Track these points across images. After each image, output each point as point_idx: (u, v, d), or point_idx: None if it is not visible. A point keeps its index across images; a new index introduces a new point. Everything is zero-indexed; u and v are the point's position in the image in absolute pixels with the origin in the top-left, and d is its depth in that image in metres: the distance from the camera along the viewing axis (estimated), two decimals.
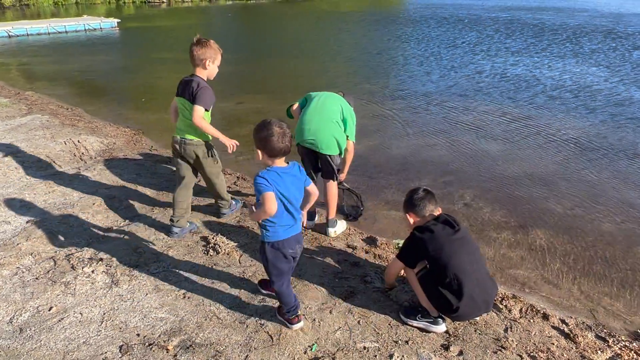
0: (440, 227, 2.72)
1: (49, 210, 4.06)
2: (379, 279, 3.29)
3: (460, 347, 2.66)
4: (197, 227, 3.93)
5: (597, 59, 14.58)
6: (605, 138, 7.05)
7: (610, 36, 20.26)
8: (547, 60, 14.20)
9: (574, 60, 14.17)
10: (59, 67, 12.17)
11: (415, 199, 2.88)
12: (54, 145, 5.70)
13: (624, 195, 5.15)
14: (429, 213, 2.85)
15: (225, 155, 4.12)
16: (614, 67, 13.13)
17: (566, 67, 12.95)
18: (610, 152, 6.48)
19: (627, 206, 4.89)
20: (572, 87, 10.51)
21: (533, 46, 17.36)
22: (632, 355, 2.73)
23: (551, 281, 3.63)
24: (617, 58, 14.74)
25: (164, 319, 2.76)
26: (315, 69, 12.67)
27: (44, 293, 2.94)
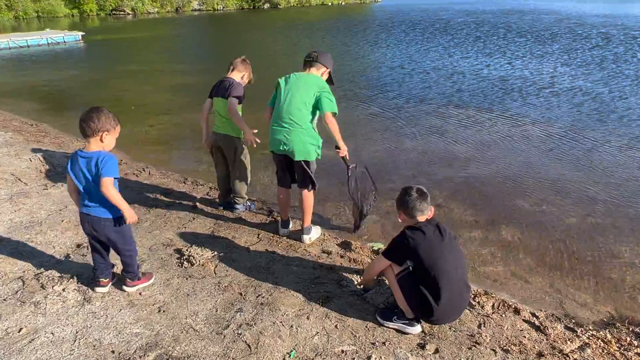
0: (431, 229, 2.73)
1: (15, 229, 3.94)
2: (354, 283, 3.31)
3: (436, 345, 2.71)
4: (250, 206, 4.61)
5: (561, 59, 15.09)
6: (568, 137, 7.30)
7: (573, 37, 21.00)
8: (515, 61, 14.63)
9: (539, 61, 14.65)
10: (22, 83, 11.86)
11: (407, 199, 2.83)
12: (19, 162, 5.55)
13: (586, 191, 5.32)
14: (419, 214, 2.85)
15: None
16: (576, 66, 13.62)
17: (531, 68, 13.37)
18: (572, 150, 6.71)
19: (590, 201, 5.06)
20: (536, 88, 10.86)
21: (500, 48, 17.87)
22: (600, 343, 2.83)
23: (521, 276, 3.72)
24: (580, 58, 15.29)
25: (139, 334, 2.71)
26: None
27: (13, 314, 2.85)
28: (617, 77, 12.03)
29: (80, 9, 40.24)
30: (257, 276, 3.34)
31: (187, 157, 6.42)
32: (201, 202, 4.68)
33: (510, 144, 6.95)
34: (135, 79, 12.60)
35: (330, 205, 4.99)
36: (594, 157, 6.37)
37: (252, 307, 2.98)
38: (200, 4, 49.11)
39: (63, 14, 39.17)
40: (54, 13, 38.46)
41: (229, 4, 51.42)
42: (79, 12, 40.21)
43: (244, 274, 3.36)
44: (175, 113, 8.86)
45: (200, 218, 4.33)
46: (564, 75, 12.38)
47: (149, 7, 43.58)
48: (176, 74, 13.35)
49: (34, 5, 37.89)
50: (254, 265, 3.50)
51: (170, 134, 7.56)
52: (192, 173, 5.66)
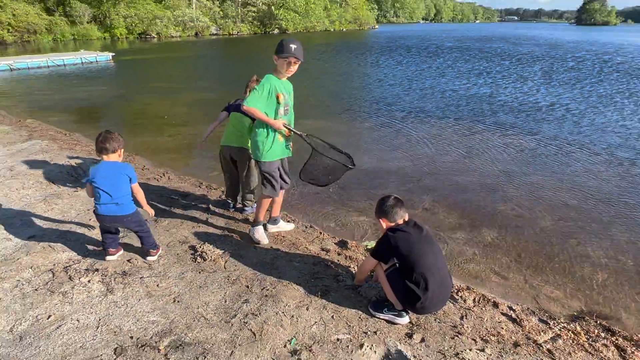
0: (410, 229, 2.76)
1: (48, 226, 3.94)
2: (350, 278, 3.29)
3: (422, 335, 2.68)
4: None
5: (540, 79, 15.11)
6: (545, 148, 7.30)
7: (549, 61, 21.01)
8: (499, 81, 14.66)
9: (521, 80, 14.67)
10: (58, 97, 11.92)
11: (387, 206, 2.86)
12: (53, 167, 5.56)
13: (559, 197, 5.31)
14: (399, 217, 2.87)
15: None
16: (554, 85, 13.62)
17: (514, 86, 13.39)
18: (547, 159, 6.70)
19: (563, 206, 5.05)
20: (518, 103, 10.88)
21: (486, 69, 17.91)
22: (570, 335, 2.80)
23: (499, 273, 3.70)
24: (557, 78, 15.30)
25: (156, 321, 2.70)
26: None
27: (43, 303, 2.85)
28: (590, 95, 12.05)
29: (111, 33, 40.52)
30: (262, 271, 3.33)
31: (202, 164, 6.43)
32: (214, 204, 4.67)
33: (492, 154, 6.95)
34: (158, 94, 12.65)
35: (329, 207, 4.96)
36: (567, 166, 6.36)
37: (257, 299, 2.96)
38: (217, 29, 49.42)
39: (96, 37, 39.44)
40: (88, 36, 38.74)
41: (243, 29, 51.75)
42: (110, 36, 40.48)
43: (250, 269, 3.35)
44: (192, 125, 8.89)
45: (213, 218, 4.32)
46: (544, 93, 12.39)
47: (172, 31, 43.85)
48: (194, 90, 13.42)
49: (70, 29, 38.17)
50: (260, 261, 3.48)
51: (187, 144, 7.58)
52: (207, 178, 5.67)
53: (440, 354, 2.53)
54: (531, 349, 2.62)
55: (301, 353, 2.48)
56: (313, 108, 10.30)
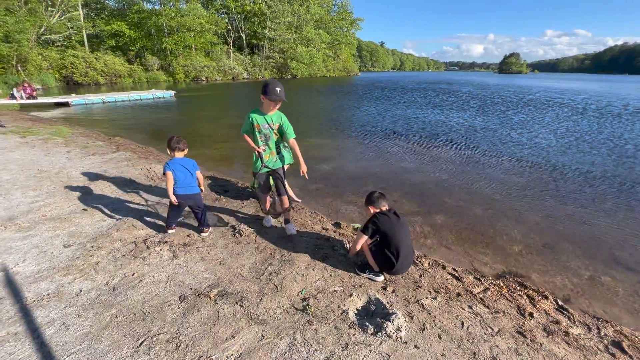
0: (391, 215, 2.76)
1: (131, 212, 3.95)
2: (342, 248, 3.29)
3: (393, 288, 2.70)
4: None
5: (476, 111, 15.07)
6: (478, 158, 7.28)
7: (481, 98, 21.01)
8: (446, 112, 14.62)
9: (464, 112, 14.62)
10: (137, 121, 11.90)
11: (374, 197, 2.88)
12: (134, 170, 5.56)
13: (487, 192, 5.31)
14: (383, 206, 2.87)
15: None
16: (486, 115, 13.60)
17: (457, 116, 13.37)
18: (480, 166, 6.69)
19: (490, 198, 5.04)
20: (462, 127, 10.85)
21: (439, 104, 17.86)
22: (496, 288, 2.82)
23: (446, 245, 3.70)
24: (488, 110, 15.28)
25: (207, 278, 2.72)
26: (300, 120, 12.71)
27: (129, 265, 2.86)
28: (511, 121, 12.05)
29: (174, 77, 40.41)
30: (281, 243, 3.33)
31: (238, 168, 6.42)
32: (246, 197, 4.66)
33: (442, 162, 6.93)
34: (207, 119, 12.61)
35: (327, 199, 4.95)
36: (494, 170, 6.34)
37: (278, 262, 2.97)
38: (248, 75, 49.32)
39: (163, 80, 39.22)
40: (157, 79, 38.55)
41: (266, 75, 51.65)
42: (172, 79, 40.34)
43: (273, 242, 3.34)
44: (231, 142, 8.86)
45: (247, 207, 4.30)
46: (478, 119, 12.37)
47: (217, 76, 43.76)
48: (231, 117, 13.37)
49: (144, 74, 38.04)
50: (280, 236, 3.47)
51: (229, 154, 7.56)
52: (242, 178, 5.64)
53: (405, 301, 2.55)
54: (469, 297, 2.64)
55: (309, 300, 2.49)
56: (313, 130, 10.30)
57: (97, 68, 32.92)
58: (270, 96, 2.98)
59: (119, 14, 40.04)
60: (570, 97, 23.08)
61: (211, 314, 2.31)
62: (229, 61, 46.97)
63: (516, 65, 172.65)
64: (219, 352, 1.99)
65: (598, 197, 5.16)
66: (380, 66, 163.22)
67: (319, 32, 60.59)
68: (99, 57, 33.79)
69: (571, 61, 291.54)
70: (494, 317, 2.42)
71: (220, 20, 46.63)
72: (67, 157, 6.28)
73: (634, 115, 14.65)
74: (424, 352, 2.06)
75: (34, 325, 2.14)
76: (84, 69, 31.73)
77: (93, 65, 32.64)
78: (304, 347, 2.06)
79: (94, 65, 32.69)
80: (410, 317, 2.36)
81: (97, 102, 17.36)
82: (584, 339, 2.27)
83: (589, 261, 3.39)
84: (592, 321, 2.48)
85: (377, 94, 23.75)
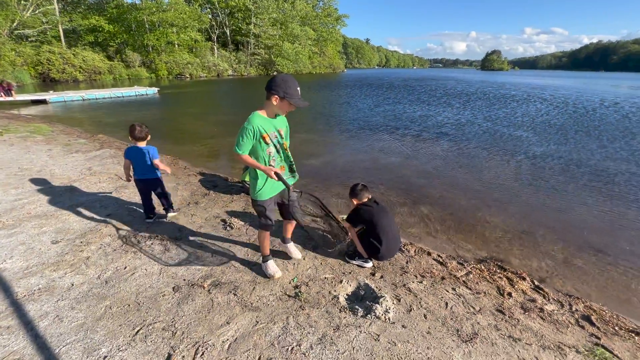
0: (372, 204, 2.87)
1: (120, 207, 3.93)
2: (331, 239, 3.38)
3: (381, 274, 2.81)
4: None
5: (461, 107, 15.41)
6: (461, 150, 7.50)
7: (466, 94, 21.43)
8: (433, 107, 14.90)
9: (450, 108, 14.92)
10: (120, 119, 11.63)
11: (357, 190, 2.98)
12: (120, 167, 5.48)
13: (470, 184, 5.49)
14: (365, 197, 2.98)
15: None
16: (471, 111, 13.93)
17: (446, 111, 13.65)
18: (463, 158, 6.90)
19: (473, 191, 5.21)
20: (449, 122, 11.10)
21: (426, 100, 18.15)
22: (478, 271, 2.97)
23: (431, 233, 3.83)
24: (473, 106, 15.65)
25: (200, 269, 2.76)
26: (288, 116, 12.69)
27: (120, 258, 2.87)
28: (493, 116, 12.40)
29: (156, 74, 39.47)
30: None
31: (226, 164, 6.42)
32: (236, 191, 4.68)
33: (428, 155, 7.10)
34: (193, 116, 12.45)
35: (317, 193, 5.01)
36: (477, 162, 6.55)
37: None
38: (233, 72, 48.68)
39: (145, 76, 38.27)
40: (139, 76, 37.59)
41: (252, 72, 51.12)
42: (155, 76, 39.39)
43: None
44: (217, 138, 8.82)
45: (236, 201, 4.32)
46: (464, 114, 12.68)
47: (201, 73, 42.99)
48: (217, 114, 13.25)
49: (125, 71, 37.01)
50: None
51: (215, 151, 7.53)
52: (230, 174, 5.64)
53: (393, 285, 2.67)
54: (452, 280, 2.78)
55: (301, 287, 2.58)
56: (302, 126, 10.34)
57: (75, 64, 31.82)
58: (293, 98, 2.17)
59: (97, 9, 38.76)
60: (550, 93, 23.90)
61: (205, 302, 2.36)
62: (213, 58, 46.19)
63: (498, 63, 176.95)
64: (215, 337, 2.06)
65: (573, 185, 5.43)
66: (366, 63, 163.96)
67: (305, 29, 60.32)
68: (77, 53, 32.66)
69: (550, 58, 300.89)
70: (475, 297, 2.57)
71: (204, 15, 45.77)
72: (49, 155, 6.13)
73: (609, 109, 15.33)
74: (410, 331, 2.18)
75: (27, 319, 2.14)
76: (61, 66, 30.61)
77: (71, 61, 31.52)
78: (297, 330, 2.15)
79: (72, 62, 31.59)
80: (397, 299, 2.48)
81: (77, 100, 16.84)
82: (557, 314, 2.45)
83: (563, 245, 3.60)
84: (565, 298, 2.67)
85: (365, 91, 23.94)
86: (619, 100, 19.82)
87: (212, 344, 2.00)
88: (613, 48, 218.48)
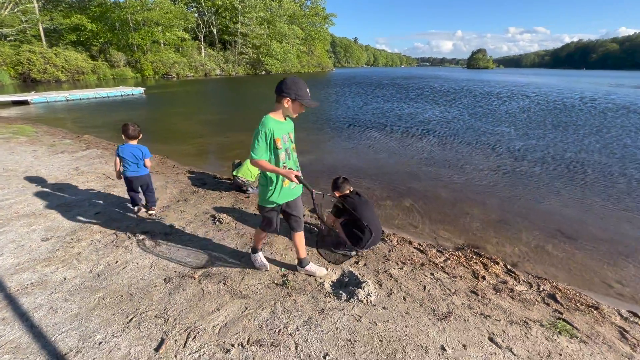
0: (354, 196, 3.02)
1: (109, 205, 3.97)
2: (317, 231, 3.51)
3: (365, 261, 2.96)
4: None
5: (447, 104, 15.73)
6: (444, 146, 7.73)
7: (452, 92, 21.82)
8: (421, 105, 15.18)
9: (435, 104, 15.23)
10: (106, 119, 11.50)
11: (339, 183, 3.14)
12: (108, 167, 5.49)
13: (451, 177, 5.70)
14: (347, 189, 3.13)
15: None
16: (456, 108, 14.25)
17: (433, 109, 13.93)
18: (446, 153, 7.13)
19: (453, 183, 5.42)
20: (435, 119, 11.36)
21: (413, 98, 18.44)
22: (455, 258, 3.15)
23: (413, 224, 4.00)
24: (456, 104, 15.99)
25: (191, 261, 2.85)
26: None
27: (111, 253, 2.94)
28: (481, 112, 12.74)
29: (142, 73, 38.86)
30: None
31: (214, 162, 6.48)
32: (225, 188, 4.75)
33: (411, 151, 7.29)
34: (180, 116, 12.39)
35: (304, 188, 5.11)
36: (458, 157, 6.78)
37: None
38: (221, 71, 48.30)
39: (130, 76, 37.63)
40: (124, 76, 36.91)
41: (240, 71, 50.81)
42: (141, 75, 38.77)
43: (252, 228, 3.51)
44: (206, 137, 8.85)
45: (225, 198, 4.40)
46: (450, 112, 12.97)
47: (188, 72, 42.50)
48: (205, 113, 13.21)
49: (110, 71, 36.32)
50: (258, 222, 3.56)
51: (204, 149, 7.57)
52: (219, 172, 5.70)
53: (375, 272, 2.82)
54: (431, 266, 2.95)
55: (288, 276, 2.70)
56: None
57: (58, 64, 31.06)
58: (304, 99, 2.21)
59: (79, 7, 37.85)
60: (533, 91, 24.58)
61: (196, 291, 2.47)
62: (200, 57, 45.72)
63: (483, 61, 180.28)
64: (206, 322, 2.17)
65: (548, 177, 5.71)
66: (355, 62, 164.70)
67: (293, 28, 60.22)
68: (59, 53, 31.87)
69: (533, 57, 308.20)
70: (452, 281, 2.75)
71: (190, 14, 45.23)
72: (34, 155, 6.08)
73: (587, 105, 15.92)
74: (390, 312, 2.34)
75: (21, 311, 2.21)
76: (42, 66, 29.83)
77: (52, 61, 30.75)
78: (284, 314, 2.28)
79: (54, 61, 30.81)
80: (379, 284, 2.64)
81: (61, 100, 16.51)
82: (525, 294, 2.65)
83: (535, 233, 3.83)
84: (534, 280, 2.87)
85: (354, 89, 24.15)
86: (596, 97, 20.56)
87: (203, 329, 2.11)
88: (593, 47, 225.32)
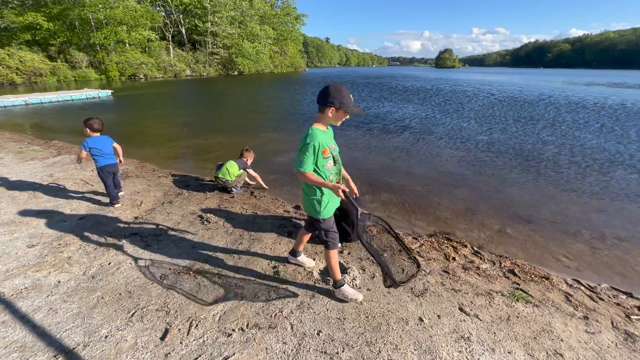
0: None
1: (91, 211, 3.96)
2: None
3: (349, 251, 3.21)
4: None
5: (418, 102, 16.39)
6: (418, 143, 8.17)
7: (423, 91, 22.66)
8: (395, 104, 15.69)
9: (406, 103, 15.81)
10: (72, 124, 11.02)
11: None
12: (85, 172, 5.40)
13: (425, 172, 6.08)
14: None
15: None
16: (427, 106, 14.90)
17: (404, 107, 14.47)
18: (420, 149, 7.55)
19: (427, 178, 5.79)
20: (416, 118, 11.86)
21: (387, 98, 18.99)
22: (429, 243, 3.47)
23: (391, 216, 4.31)
24: (428, 102, 16.70)
25: (184, 259, 2.97)
26: (252, 116, 12.81)
27: (103, 256, 3.00)
28: (450, 110, 13.43)
29: (107, 75, 37.12)
30: (248, 225, 3.66)
31: (195, 165, 6.49)
32: (209, 189, 4.83)
33: (386, 149, 7.62)
34: (152, 119, 12.12)
35: (287, 187, 5.19)
36: (433, 153, 7.18)
37: (247, 241, 3.31)
38: (192, 72, 47.10)
39: (94, 78, 35.84)
40: (87, 77, 35.09)
41: (211, 72, 49.78)
42: (105, 77, 37.05)
43: (241, 226, 3.65)
44: (182, 140, 8.77)
45: (210, 198, 4.49)
46: (423, 109, 13.56)
47: (156, 73, 41.08)
48: (178, 116, 12.98)
49: (71, 72, 34.42)
50: (246, 220, 3.80)
51: (183, 152, 7.52)
52: (201, 173, 5.73)
53: (359, 259, 3.09)
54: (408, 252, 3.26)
55: (279, 267, 2.91)
56: (269, 124, 10.54)
57: (11, 66, 29.11)
58: (349, 107, 2.13)
59: (34, 4, 35.52)
60: (497, 89, 26.08)
61: (193, 286, 2.61)
62: (169, 57, 44.36)
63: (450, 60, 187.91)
64: (206, 312, 2.33)
65: (509, 167, 6.26)
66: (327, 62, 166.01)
67: (264, 28, 59.78)
68: (12, 54, 29.88)
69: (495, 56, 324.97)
70: (426, 263, 3.07)
71: (156, 13, 43.74)
72: (1, 163, 5.84)
73: (544, 101, 17.21)
74: (374, 292, 2.61)
75: (21, 314, 2.26)
76: None
77: (5, 62, 28.77)
78: (278, 300, 2.48)
79: (7, 63, 28.85)
80: (362, 270, 2.91)
81: (19, 104, 15.57)
82: (489, 270, 3.02)
83: (499, 219, 4.26)
84: (496, 259, 3.26)
85: None
86: (552, 94, 22.21)
87: (204, 318, 2.28)
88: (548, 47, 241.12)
